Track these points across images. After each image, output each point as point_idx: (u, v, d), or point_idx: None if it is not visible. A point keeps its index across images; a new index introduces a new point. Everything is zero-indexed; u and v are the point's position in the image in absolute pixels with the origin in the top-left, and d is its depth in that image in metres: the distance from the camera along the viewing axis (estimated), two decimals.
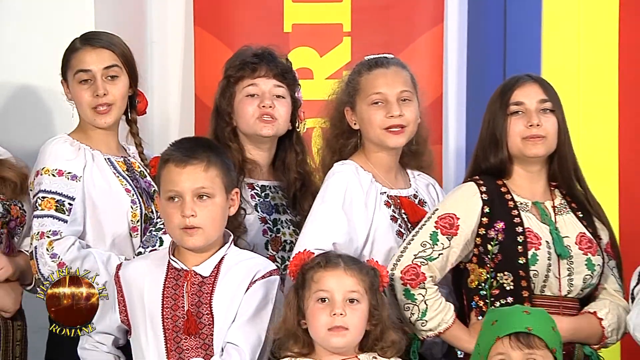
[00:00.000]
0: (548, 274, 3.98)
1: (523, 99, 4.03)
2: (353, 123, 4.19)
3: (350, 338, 3.69)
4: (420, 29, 5.47)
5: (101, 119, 4.30)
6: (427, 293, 3.94)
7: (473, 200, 4.00)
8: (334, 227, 4.02)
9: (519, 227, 3.98)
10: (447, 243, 3.97)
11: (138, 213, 4.28)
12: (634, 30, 5.40)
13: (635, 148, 5.40)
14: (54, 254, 4.14)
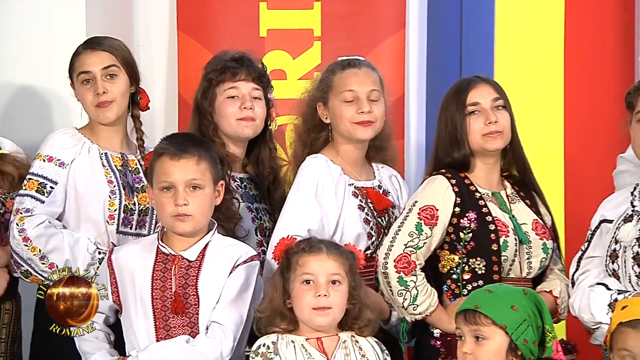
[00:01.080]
0: (514, 258, 4.02)
1: (478, 99, 4.06)
2: (324, 117, 4.20)
3: (333, 317, 3.71)
4: (383, 34, 5.47)
5: (103, 114, 4.29)
6: (417, 280, 3.96)
7: (447, 192, 4.03)
8: (308, 215, 4.04)
9: (488, 217, 4.02)
10: (430, 232, 3.99)
11: (116, 203, 4.24)
12: (577, 37, 5.46)
13: (579, 141, 5.45)
14: (22, 229, 4.12)
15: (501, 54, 5.50)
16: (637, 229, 3.89)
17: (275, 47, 5.47)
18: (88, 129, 4.34)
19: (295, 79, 5.42)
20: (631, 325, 3.50)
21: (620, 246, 3.92)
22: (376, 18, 5.48)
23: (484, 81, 4.12)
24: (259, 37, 5.47)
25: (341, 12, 5.47)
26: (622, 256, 3.91)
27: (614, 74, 5.42)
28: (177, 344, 3.74)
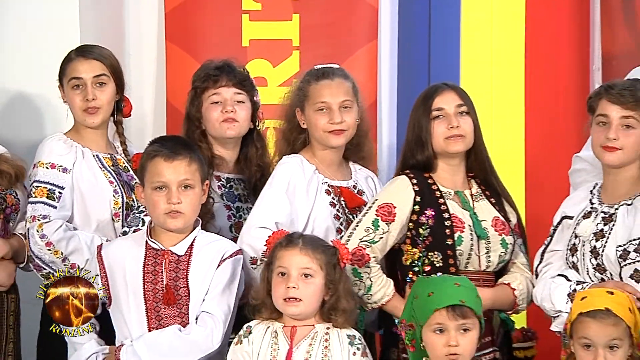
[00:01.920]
0: (471, 252, 4.01)
1: (443, 105, 4.05)
2: (302, 123, 4.20)
3: (303, 307, 3.70)
4: (357, 44, 5.47)
5: (90, 119, 4.31)
6: (371, 271, 3.96)
7: (406, 191, 4.02)
8: (278, 209, 4.05)
9: (445, 214, 4.01)
10: (387, 228, 3.99)
11: (120, 201, 4.27)
12: (536, 47, 5.48)
13: (539, 143, 5.47)
14: (43, 234, 4.15)
15: (466, 62, 5.52)
16: (594, 225, 3.89)
17: (257, 56, 5.47)
18: (74, 132, 4.36)
19: (276, 85, 5.41)
20: (591, 315, 3.52)
21: (579, 240, 3.92)
22: (350, 29, 5.49)
23: (449, 88, 4.11)
24: (242, 46, 5.47)
25: (318, 24, 5.48)
26: (581, 250, 3.91)
27: (570, 80, 5.43)
28: (171, 333, 3.75)
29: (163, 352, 3.73)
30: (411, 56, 5.56)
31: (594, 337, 3.52)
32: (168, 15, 5.51)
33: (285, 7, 5.50)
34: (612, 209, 3.91)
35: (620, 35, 5.32)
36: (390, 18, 5.56)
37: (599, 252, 3.87)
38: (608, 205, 3.92)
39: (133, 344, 3.75)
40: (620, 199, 3.91)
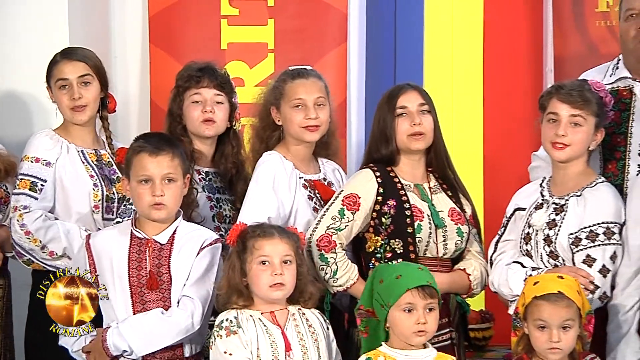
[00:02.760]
0: (429, 240, 4.02)
1: (406, 103, 4.05)
2: (277, 120, 4.19)
3: (286, 291, 3.71)
4: (328, 47, 5.47)
5: (77, 116, 4.31)
6: (337, 257, 3.96)
7: (370, 183, 4.02)
8: (268, 204, 4.03)
9: (406, 204, 4.01)
10: (352, 217, 3.98)
11: (99, 194, 4.27)
12: (494, 50, 5.50)
13: (496, 140, 5.49)
14: (23, 224, 4.15)
15: (429, 64, 5.53)
16: (547, 215, 3.91)
17: (235, 58, 5.45)
18: (63, 129, 4.35)
19: (252, 85, 5.39)
20: (545, 298, 3.53)
21: (533, 230, 3.93)
22: (322, 33, 5.48)
23: (412, 88, 4.11)
24: (220, 49, 5.45)
25: (292, 28, 5.47)
26: (535, 238, 3.93)
27: (525, 81, 5.45)
28: (154, 315, 3.74)
29: (146, 333, 3.72)
30: (378, 58, 5.57)
31: (548, 319, 3.53)
32: (151, 19, 5.49)
33: (261, 12, 5.48)
34: (562, 200, 3.92)
35: (571, 39, 5.34)
36: (359, 23, 5.57)
37: (552, 240, 3.89)
38: (558, 197, 3.94)
39: (119, 326, 3.73)
40: (569, 191, 3.93)
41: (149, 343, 3.72)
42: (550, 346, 3.54)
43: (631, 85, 4.19)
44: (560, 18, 5.35)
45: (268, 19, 5.50)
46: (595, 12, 5.33)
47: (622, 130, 4.15)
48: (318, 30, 5.48)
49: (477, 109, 5.51)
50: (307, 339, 3.70)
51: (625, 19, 4.16)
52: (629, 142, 4.13)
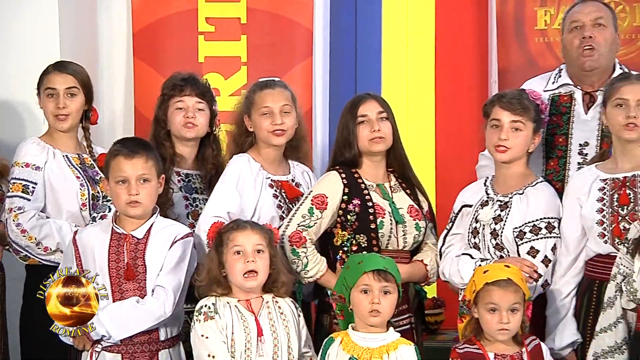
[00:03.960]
0: (390, 234, 4.00)
1: (367, 112, 4.03)
2: (249, 127, 4.16)
3: (259, 279, 3.68)
4: (295, 61, 5.45)
5: (59, 124, 4.29)
6: (307, 251, 3.93)
7: (337, 184, 4.00)
8: (229, 200, 4.00)
9: (369, 203, 3.99)
10: (320, 215, 3.96)
11: (86, 193, 4.24)
12: (444, 62, 5.50)
13: (447, 143, 5.49)
14: (18, 223, 4.12)
15: (387, 76, 5.52)
16: (492, 211, 3.91)
17: (211, 70, 5.40)
18: (48, 136, 4.33)
19: (227, 95, 5.36)
20: (496, 284, 3.53)
21: (480, 224, 3.93)
22: (290, 48, 5.46)
23: (372, 98, 4.09)
24: (198, 62, 5.41)
25: (262, 43, 5.44)
26: (482, 232, 3.93)
27: (472, 91, 5.44)
28: (129, 304, 3.70)
29: (123, 320, 3.68)
30: (340, 71, 5.55)
31: (498, 302, 3.53)
32: (135, 35, 5.44)
33: (234, 29, 5.45)
34: (506, 198, 3.92)
35: (513, 53, 5.34)
36: (323, 39, 5.53)
37: (498, 233, 3.89)
38: (503, 195, 3.94)
39: (98, 314, 3.67)
40: (511, 189, 3.93)
41: (125, 329, 3.69)
42: (500, 327, 3.53)
43: (572, 91, 4.23)
44: (504, 35, 5.36)
45: (241, 35, 5.47)
46: (534, 30, 5.35)
47: (563, 132, 4.19)
48: (286, 45, 5.46)
49: (430, 115, 5.51)
50: (278, 325, 3.67)
51: (569, 30, 4.19)
52: (569, 142, 4.18)
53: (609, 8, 4.26)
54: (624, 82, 3.82)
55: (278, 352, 3.64)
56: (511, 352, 3.56)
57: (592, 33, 4.13)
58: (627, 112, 3.75)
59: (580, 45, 4.14)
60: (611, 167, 3.86)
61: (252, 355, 3.61)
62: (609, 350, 3.58)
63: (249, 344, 3.62)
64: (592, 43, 4.12)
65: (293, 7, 5.48)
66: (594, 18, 4.15)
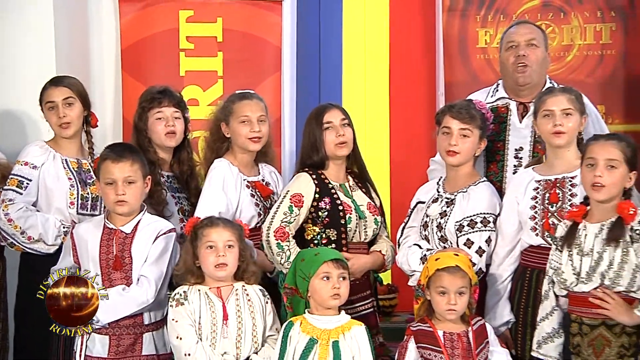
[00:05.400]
0: (356, 229, 3.99)
1: (331, 119, 4.01)
2: (226, 133, 4.12)
3: (229, 270, 3.66)
4: (266, 74, 5.43)
5: (64, 132, 4.25)
6: (290, 245, 3.90)
7: (310, 184, 3.98)
8: (218, 202, 3.97)
9: (338, 201, 3.97)
10: (298, 212, 3.93)
11: (75, 193, 4.20)
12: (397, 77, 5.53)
13: (400, 148, 5.51)
14: (7, 213, 4.10)
15: (347, 88, 5.52)
16: (440, 207, 3.92)
17: (191, 83, 5.38)
18: (53, 142, 4.30)
19: (205, 105, 5.32)
20: (445, 270, 3.55)
21: (429, 219, 3.94)
22: (261, 63, 5.43)
23: (335, 107, 4.08)
24: (180, 76, 5.37)
25: (237, 59, 5.41)
26: (431, 225, 3.94)
27: (422, 102, 5.47)
28: (116, 291, 3.67)
29: (109, 305, 3.64)
30: (305, 84, 5.54)
31: (447, 286, 3.54)
32: (123, 51, 5.39)
33: (212, 46, 5.42)
34: (452, 195, 3.93)
35: (458, 68, 5.36)
36: (290, 56, 5.52)
37: (442, 226, 3.90)
38: (450, 193, 3.95)
39: None
40: (458, 188, 3.94)
41: (112, 313, 3.65)
42: (448, 308, 3.55)
43: (508, 103, 4.25)
44: (449, 52, 5.37)
45: (218, 52, 5.44)
46: (476, 48, 5.37)
47: (501, 138, 4.21)
48: (258, 61, 5.44)
49: (384, 123, 5.52)
50: (244, 310, 3.64)
51: (506, 49, 4.21)
52: (506, 148, 4.20)
53: (541, 30, 4.29)
54: (549, 95, 3.84)
55: (241, 335, 3.61)
56: (458, 330, 3.56)
57: (525, 52, 4.15)
58: (554, 121, 3.77)
59: (515, 62, 4.16)
60: (545, 170, 3.88)
61: (217, 337, 3.59)
62: (548, 336, 3.60)
63: (215, 327, 3.60)
64: (526, 61, 4.14)
65: (264, 27, 5.46)
66: (527, 39, 4.17)
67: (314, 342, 3.48)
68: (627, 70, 5.26)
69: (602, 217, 3.53)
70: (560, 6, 5.31)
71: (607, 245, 3.47)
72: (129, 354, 3.70)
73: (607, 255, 3.47)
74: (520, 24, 4.33)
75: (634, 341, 3.46)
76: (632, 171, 3.52)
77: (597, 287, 3.48)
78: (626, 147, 3.51)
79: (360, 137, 4.15)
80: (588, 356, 3.49)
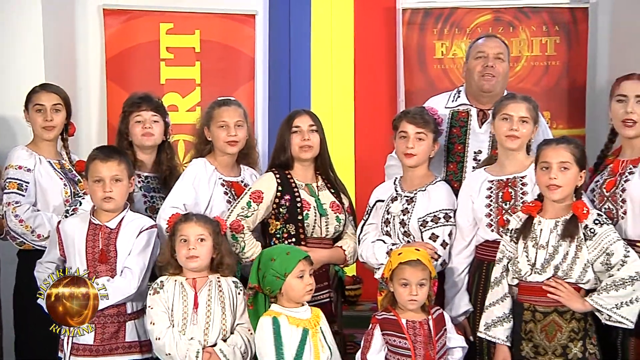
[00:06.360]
0: (315, 225, 3.96)
1: (300, 124, 4.00)
2: (208, 137, 4.09)
3: (200, 262, 3.63)
4: (240, 82, 5.41)
5: (47, 134, 4.22)
6: (245, 237, 3.87)
7: (272, 182, 3.96)
8: (185, 194, 3.94)
9: (298, 198, 3.95)
10: (256, 207, 3.91)
11: (68, 191, 4.17)
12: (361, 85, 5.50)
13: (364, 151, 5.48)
14: (16, 214, 4.06)
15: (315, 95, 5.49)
16: (401, 205, 3.90)
17: (171, 90, 5.34)
18: (33, 144, 4.26)
19: (184, 111, 5.32)
20: (408, 263, 3.54)
21: (391, 216, 3.92)
22: (236, 72, 5.41)
23: (306, 113, 4.06)
24: (160, 84, 5.33)
25: (214, 69, 5.38)
26: (393, 222, 3.91)
27: (384, 108, 5.43)
28: (100, 282, 3.63)
29: None
30: (277, 91, 5.51)
31: (409, 278, 3.53)
32: (108, 61, 5.34)
33: (190, 56, 5.39)
34: (412, 194, 3.92)
35: (416, 77, 5.36)
36: (263, 65, 5.51)
37: (405, 222, 3.88)
38: (409, 192, 3.93)
39: None
40: (416, 187, 3.93)
41: None
42: (410, 298, 3.54)
43: (469, 109, 4.26)
44: (409, 63, 5.37)
45: (196, 61, 5.42)
46: (433, 59, 5.37)
47: (461, 141, 4.21)
48: (233, 70, 5.41)
49: (350, 127, 5.50)
50: (214, 301, 3.62)
51: (475, 58, 4.21)
52: (466, 150, 4.20)
53: (506, 46, 4.29)
54: (511, 100, 3.83)
55: (210, 323, 3.59)
56: (419, 318, 3.56)
57: (494, 64, 4.16)
58: (511, 126, 3.77)
59: (483, 71, 4.16)
60: (497, 170, 3.88)
61: (187, 324, 3.57)
62: (498, 320, 3.60)
63: (185, 315, 3.58)
64: (492, 72, 4.16)
65: (239, 39, 5.44)
66: (496, 52, 4.18)
67: (306, 332, 3.47)
68: (569, 79, 5.30)
69: (555, 213, 3.55)
70: (510, 21, 5.33)
71: (562, 240, 3.49)
72: (113, 341, 3.67)
73: (562, 249, 3.49)
74: (490, 37, 4.34)
75: (583, 326, 3.48)
76: (582, 170, 3.54)
77: (549, 278, 3.49)
78: (575, 149, 3.54)
79: (328, 140, 4.11)
80: (540, 341, 3.50)
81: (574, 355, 3.45)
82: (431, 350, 3.49)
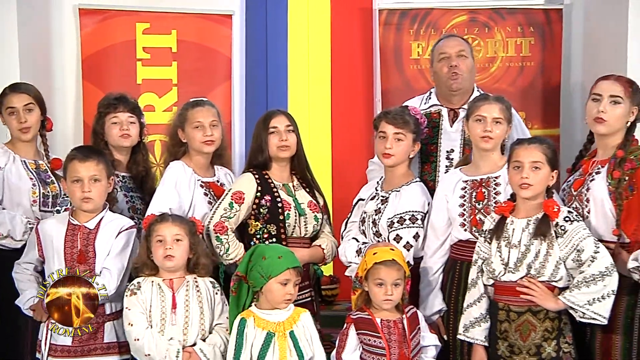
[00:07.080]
0: (295, 225, 3.98)
1: (277, 124, 4.01)
2: (183, 139, 4.09)
3: (176, 262, 3.64)
4: (217, 83, 5.38)
5: (24, 136, 4.19)
6: (229, 238, 3.89)
7: (251, 183, 3.97)
8: (169, 199, 3.94)
9: (278, 199, 3.97)
10: (238, 208, 3.92)
11: (37, 192, 4.13)
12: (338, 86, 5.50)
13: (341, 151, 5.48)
14: None
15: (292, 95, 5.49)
16: (375, 204, 3.94)
17: (147, 90, 5.32)
18: (12, 144, 4.23)
19: (161, 111, 5.30)
20: (383, 263, 3.57)
21: (367, 215, 3.95)
22: (212, 72, 5.39)
23: (282, 113, 4.08)
24: (137, 84, 5.31)
25: (190, 69, 5.37)
26: (367, 221, 3.95)
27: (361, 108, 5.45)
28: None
29: None
30: (254, 91, 5.50)
31: (384, 278, 3.55)
32: (84, 61, 5.30)
33: (167, 56, 5.37)
34: (387, 194, 3.95)
35: (393, 77, 5.37)
36: (240, 65, 5.50)
37: (377, 222, 3.91)
38: (385, 192, 3.96)
39: None
40: (393, 187, 3.95)
41: None
42: (385, 298, 3.56)
43: (440, 110, 4.30)
44: (385, 63, 5.37)
45: (172, 62, 5.39)
46: (409, 59, 5.37)
47: (434, 141, 4.25)
48: (209, 70, 5.40)
49: (327, 126, 5.49)
50: (192, 301, 3.63)
51: (438, 60, 4.27)
52: (439, 150, 4.24)
53: (467, 42, 4.36)
54: (483, 102, 3.87)
55: (188, 323, 3.61)
56: (394, 318, 3.58)
57: (457, 62, 4.21)
58: (484, 127, 3.81)
59: (449, 72, 4.22)
60: (472, 170, 3.92)
61: (166, 324, 3.59)
62: (475, 321, 3.64)
63: (164, 315, 3.59)
64: (457, 70, 4.20)
65: (215, 39, 5.42)
66: (457, 50, 4.23)
67: (271, 335, 3.48)
68: (544, 80, 5.34)
69: (527, 212, 3.59)
70: (485, 22, 5.37)
71: (534, 239, 3.53)
72: (92, 342, 3.67)
73: (533, 247, 3.53)
74: (449, 37, 4.41)
75: (557, 325, 3.52)
76: (554, 170, 3.57)
77: (523, 277, 3.52)
78: (547, 149, 3.58)
79: (305, 140, 4.15)
80: (515, 340, 3.54)
81: (548, 355, 3.49)
82: (406, 349, 3.53)
